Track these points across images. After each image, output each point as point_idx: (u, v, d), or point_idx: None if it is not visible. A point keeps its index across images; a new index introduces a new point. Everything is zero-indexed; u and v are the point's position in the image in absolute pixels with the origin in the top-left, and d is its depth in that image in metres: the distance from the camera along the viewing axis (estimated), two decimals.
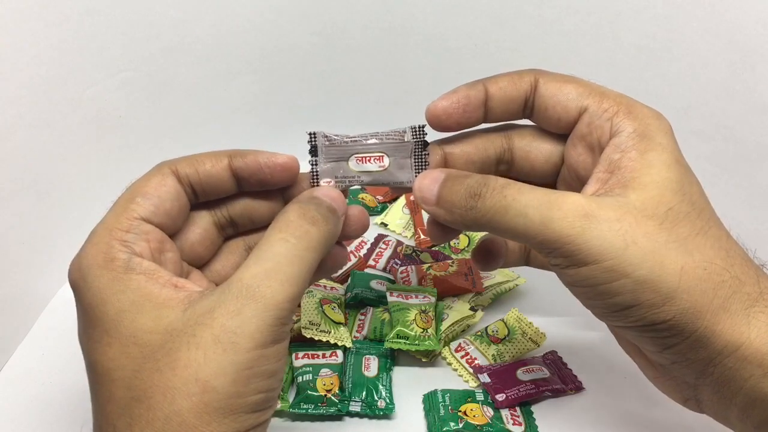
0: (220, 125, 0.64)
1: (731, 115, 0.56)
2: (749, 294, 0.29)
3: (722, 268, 0.29)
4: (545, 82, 0.34)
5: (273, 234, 0.29)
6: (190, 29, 0.58)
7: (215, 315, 0.27)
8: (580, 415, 0.44)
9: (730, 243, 0.30)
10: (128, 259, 0.29)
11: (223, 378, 0.26)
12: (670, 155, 0.31)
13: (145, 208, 0.31)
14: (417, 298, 0.49)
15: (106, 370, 0.27)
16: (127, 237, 0.29)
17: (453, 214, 0.32)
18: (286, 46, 0.63)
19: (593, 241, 0.28)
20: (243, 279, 0.27)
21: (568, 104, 0.33)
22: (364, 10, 0.63)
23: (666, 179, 0.30)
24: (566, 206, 0.29)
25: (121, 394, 0.26)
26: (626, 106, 0.32)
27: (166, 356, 0.26)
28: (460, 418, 0.42)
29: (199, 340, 0.26)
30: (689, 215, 0.30)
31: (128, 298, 0.28)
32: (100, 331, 0.28)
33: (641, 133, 0.31)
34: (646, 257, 0.28)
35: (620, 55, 0.60)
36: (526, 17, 0.61)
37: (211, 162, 0.32)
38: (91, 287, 0.28)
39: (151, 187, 0.31)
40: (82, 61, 0.52)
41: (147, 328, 0.27)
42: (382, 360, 0.47)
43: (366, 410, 0.43)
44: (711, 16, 0.55)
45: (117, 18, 0.53)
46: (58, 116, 0.51)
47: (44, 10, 0.48)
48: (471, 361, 0.47)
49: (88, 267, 0.29)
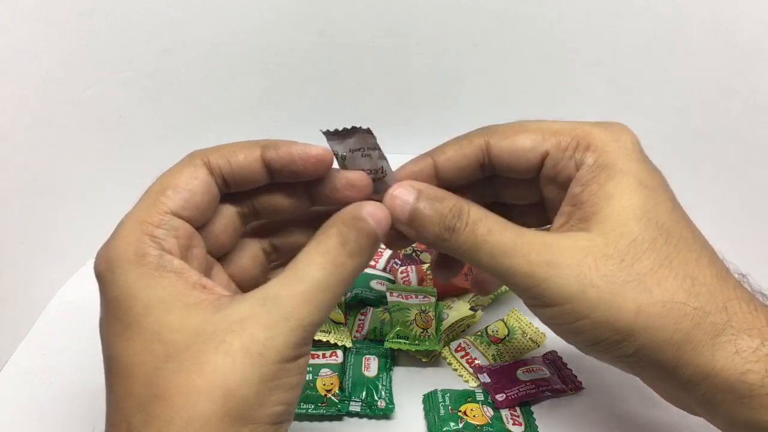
0: (220, 125, 0.64)
1: (731, 115, 0.56)
2: (714, 324, 0.29)
3: (683, 303, 0.29)
4: (497, 142, 0.33)
5: (314, 256, 0.29)
6: (190, 29, 0.58)
7: (247, 325, 0.26)
8: (580, 415, 0.44)
9: (698, 268, 0.30)
10: (159, 255, 0.28)
11: (247, 387, 0.26)
12: (632, 179, 0.31)
13: (175, 202, 0.30)
14: (417, 298, 0.49)
15: (126, 365, 0.27)
16: (158, 232, 0.29)
17: (424, 239, 0.33)
18: (286, 46, 0.63)
19: (554, 287, 0.30)
20: (280, 297, 0.27)
21: (528, 156, 0.33)
22: (364, 10, 0.63)
23: (627, 208, 0.30)
24: (530, 255, 0.30)
25: (139, 390, 0.26)
26: (583, 138, 0.32)
27: (193, 358, 0.26)
28: (460, 418, 0.42)
29: (228, 347, 0.26)
30: (654, 243, 0.29)
31: (158, 294, 0.27)
32: (124, 325, 0.27)
33: (601, 163, 0.31)
34: (603, 299, 0.29)
35: (620, 55, 0.60)
36: (526, 17, 0.61)
37: (244, 153, 0.32)
38: (119, 281, 0.28)
39: (183, 179, 0.31)
40: (82, 61, 0.52)
41: (174, 326, 0.27)
42: (382, 360, 0.47)
43: (366, 410, 0.43)
44: (711, 16, 0.55)
45: (117, 18, 0.53)
46: (58, 116, 0.51)
47: (44, 10, 0.48)
48: (471, 361, 0.47)
49: (116, 260, 0.28)
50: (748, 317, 0.29)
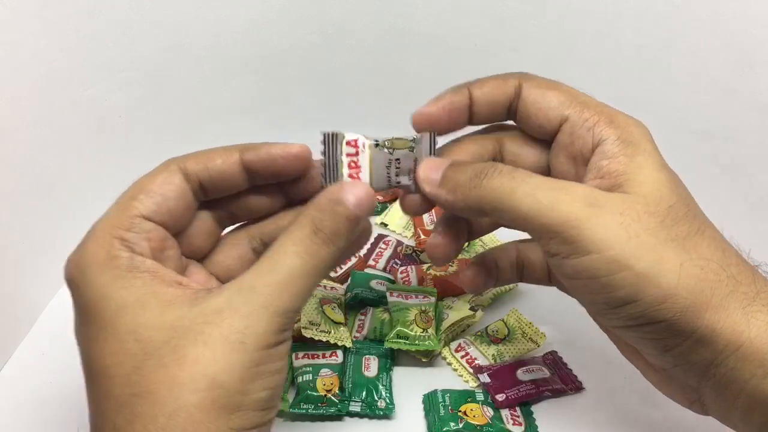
0: (220, 125, 0.64)
1: (731, 115, 0.56)
2: (746, 293, 0.29)
3: (720, 267, 0.29)
4: (529, 88, 0.34)
5: (288, 245, 0.29)
6: (190, 29, 0.58)
7: (224, 315, 0.27)
8: (580, 415, 0.44)
9: (725, 244, 0.31)
10: (131, 257, 0.29)
11: (231, 375, 0.26)
12: (658, 160, 0.32)
13: (146, 206, 0.30)
14: (417, 298, 0.49)
15: (103, 367, 0.27)
16: (128, 236, 0.29)
17: (455, 193, 0.32)
18: (286, 46, 0.63)
19: (598, 228, 0.29)
20: (256, 287, 0.28)
21: (549, 113, 0.34)
22: (364, 10, 0.63)
23: (660, 179, 0.31)
24: (575, 192, 0.30)
25: (119, 391, 0.26)
26: (607, 116, 0.33)
27: (172, 352, 0.26)
28: (460, 418, 0.42)
29: (207, 338, 0.26)
30: (687, 215, 0.30)
31: (132, 294, 0.27)
32: (97, 327, 0.27)
33: (625, 139, 0.31)
34: (648, 251, 0.28)
35: (620, 55, 0.60)
36: (526, 17, 0.61)
37: (222, 158, 0.32)
38: (91, 284, 0.28)
39: (156, 184, 0.31)
40: (82, 61, 0.52)
41: (149, 324, 0.27)
42: (382, 360, 0.47)
43: (366, 410, 0.43)
44: (711, 16, 0.55)
45: (117, 18, 0.53)
46: (58, 116, 0.51)
47: (44, 10, 0.48)
48: (471, 361, 0.47)
49: (87, 264, 0.28)
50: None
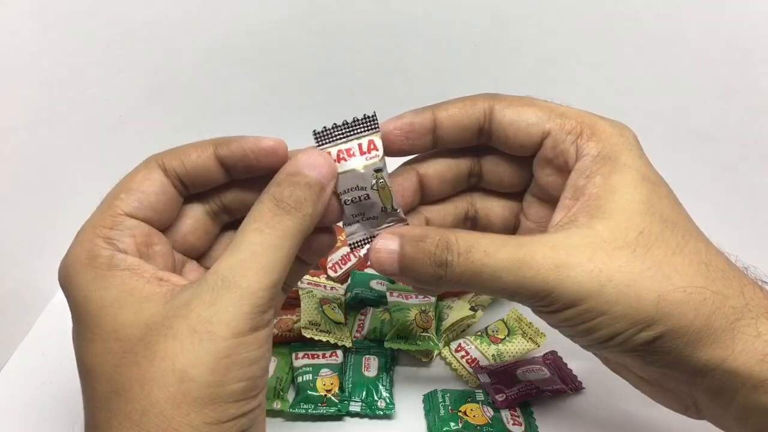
0: (220, 125, 0.64)
1: (731, 115, 0.56)
2: (734, 307, 0.28)
3: (702, 287, 0.28)
4: (502, 109, 0.32)
5: (248, 224, 0.29)
6: (189, 29, 0.58)
7: (191, 306, 0.27)
8: (580, 415, 0.44)
9: (709, 255, 0.30)
10: (111, 256, 0.29)
11: (200, 367, 0.26)
12: (636, 173, 0.30)
13: (128, 204, 0.30)
14: (417, 298, 0.49)
15: (90, 366, 0.27)
16: (111, 234, 0.30)
17: (421, 282, 0.32)
18: (286, 46, 0.63)
19: (570, 289, 0.29)
20: (218, 271, 0.27)
21: (529, 130, 0.32)
22: (364, 10, 0.63)
23: (632, 202, 0.29)
24: (537, 262, 0.29)
25: (101, 389, 0.27)
26: (589, 126, 0.31)
27: (145, 349, 0.26)
28: (460, 418, 0.42)
29: (175, 332, 0.26)
30: (662, 234, 0.29)
31: (111, 294, 0.28)
32: (84, 327, 0.28)
33: (605, 155, 0.31)
34: (622, 292, 0.28)
35: (620, 55, 0.60)
36: (526, 17, 0.61)
37: (197, 152, 0.32)
38: (75, 285, 0.28)
39: (136, 182, 0.31)
40: (82, 61, 0.52)
41: (127, 322, 0.27)
42: (382, 360, 0.47)
43: (366, 410, 0.43)
44: (711, 16, 0.55)
45: (117, 18, 0.53)
46: (58, 116, 0.51)
47: (44, 10, 0.48)
48: (471, 361, 0.47)
49: (72, 266, 0.29)
50: (764, 302, 0.29)
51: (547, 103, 0.33)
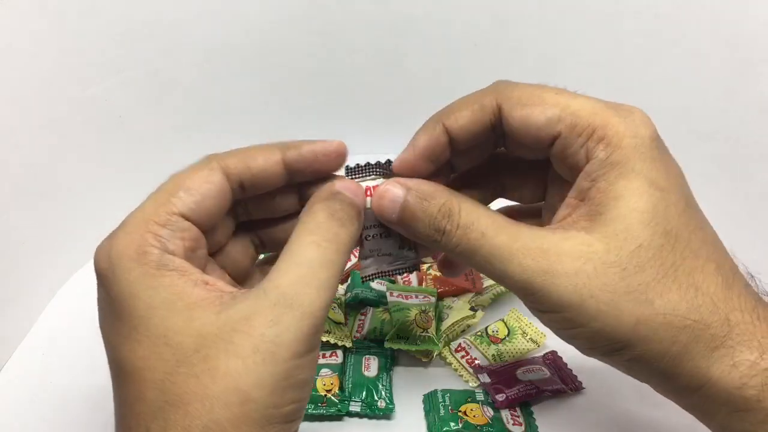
0: (220, 125, 0.64)
1: (731, 115, 0.56)
2: (714, 335, 0.28)
3: (683, 316, 0.28)
4: (510, 110, 0.31)
5: (304, 236, 0.29)
6: (190, 29, 0.58)
7: (253, 323, 0.26)
8: (580, 415, 0.44)
9: (704, 275, 0.29)
10: (161, 254, 0.28)
11: (262, 389, 0.25)
12: (643, 180, 0.29)
13: (185, 204, 0.29)
14: (417, 298, 0.49)
15: (136, 369, 0.26)
16: (162, 232, 0.28)
17: (417, 239, 0.32)
18: (286, 46, 0.63)
19: (552, 296, 0.29)
20: (280, 286, 0.27)
21: (539, 134, 0.31)
22: (364, 10, 0.63)
23: (634, 211, 0.28)
24: (526, 262, 0.29)
25: (152, 396, 0.26)
26: (601, 127, 0.29)
27: (203, 362, 0.25)
28: (460, 418, 0.42)
29: (237, 349, 0.25)
30: (661, 250, 0.28)
31: (160, 295, 0.27)
32: (129, 326, 0.27)
33: (613, 160, 0.29)
34: (601, 311, 0.28)
35: (620, 55, 0.60)
36: (526, 17, 0.61)
37: (264, 156, 0.31)
38: (121, 279, 0.27)
39: (196, 182, 0.30)
40: (82, 61, 0.52)
41: (178, 328, 0.26)
42: (382, 360, 0.47)
43: (366, 410, 0.43)
44: (711, 16, 0.55)
45: (117, 18, 0.53)
46: (58, 116, 0.51)
47: (44, 10, 0.48)
48: (471, 361, 0.47)
49: (118, 258, 0.28)
50: (749, 328, 0.28)
51: (559, 95, 0.31)
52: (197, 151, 0.33)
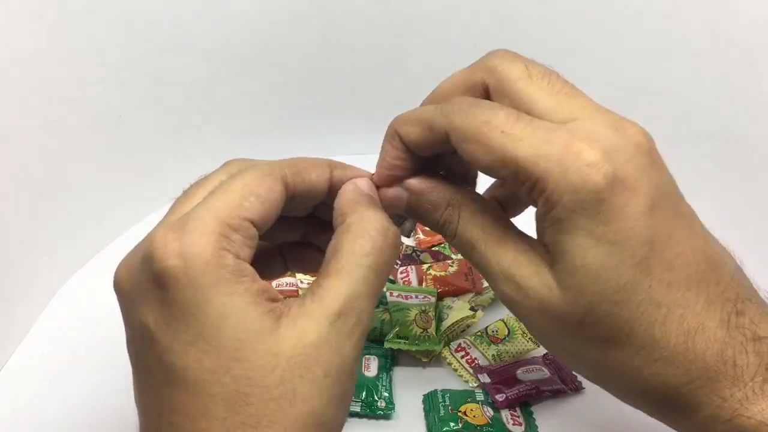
0: (220, 125, 0.64)
1: (731, 115, 0.56)
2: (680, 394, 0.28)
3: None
4: (455, 141, 0.29)
5: (361, 257, 0.28)
6: (189, 29, 0.58)
7: (321, 351, 0.26)
8: (580, 415, 0.44)
9: (664, 328, 0.27)
10: (236, 260, 0.26)
11: (331, 410, 0.26)
12: (587, 236, 0.26)
13: (256, 212, 0.28)
14: (417, 298, 0.49)
15: (201, 381, 0.25)
16: (234, 237, 0.27)
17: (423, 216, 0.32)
18: (286, 46, 0.63)
19: (523, 323, 0.31)
20: (341, 314, 0.27)
21: (485, 172, 0.29)
22: (364, 10, 0.63)
23: (581, 267, 0.27)
24: (504, 286, 0.29)
25: (223, 413, 0.25)
26: (541, 179, 0.26)
27: (280, 385, 0.25)
28: (460, 418, 0.42)
29: (310, 374, 0.26)
30: (614, 306, 0.27)
31: (234, 303, 0.26)
32: (195, 333, 0.25)
33: (553, 217, 0.27)
34: (563, 354, 0.30)
35: (620, 55, 0.60)
36: (526, 17, 0.61)
37: (316, 172, 0.31)
38: (194, 281, 0.25)
39: (264, 190, 0.28)
40: (82, 61, 0.52)
41: (250, 343, 0.25)
42: (382, 360, 0.47)
43: (366, 410, 0.43)
44: (711, 16, 0.55)
45: (117, 18, 0.53)
46: (57, 116, 0.51)
47: (44, 10, 0.48)
48: (471, 361, 0.47)
49: (193, 257, 0.26)
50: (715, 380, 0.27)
51: (504, 137, 0.27)
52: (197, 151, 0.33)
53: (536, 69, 0.30)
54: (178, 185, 0.32)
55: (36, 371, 0.47)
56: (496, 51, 0.31)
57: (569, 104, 0.28)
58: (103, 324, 0.50)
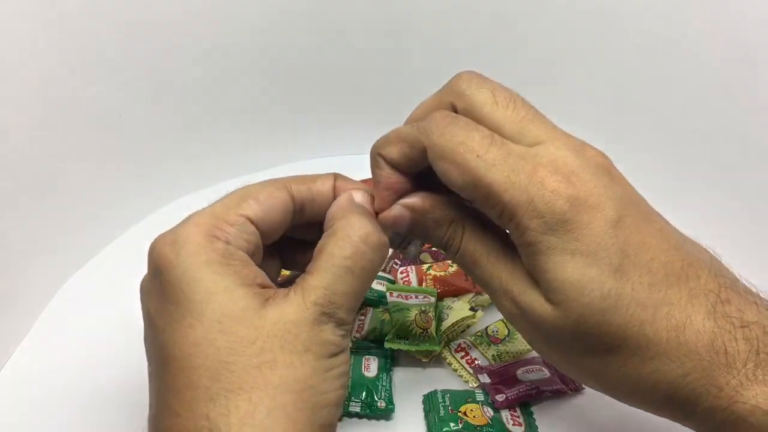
0: (220, 125, 0.64)
1: (731, 115, 0.56)
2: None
3: None
4: (432, 158, 0.30)
5: (339, 259, 0.30)
6: (190, 29, 0.58)
7: (301, 329, 0.28)
8: (580, 415, 0.44)
9: (654, 324, 0.28)
10: (227, 245, 0.29)
11: (316, 377, 0.28)
12: (562, 253, 0.28)
13: (254, 211, 0.30)
14: (417, 298, 0.49)
15: (186, 355, 0.27)
16: (230, 230, 0.29)
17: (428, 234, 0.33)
18: (286, 46, 0.63)
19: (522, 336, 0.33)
20: (319, 305, 0.28)
21: (459, 191, 0.30)
22: (364, 10, 0.63)
23: (565, 282, 0.28)
24: (504, 302, 0.31)
25: (207, 383, 0.26)
26: (509, 206, 0.28)
27: (260, 354, 0.27)
28: (460, 418, 0.42)
29: (291, 346, 0.27)
30: (604, 314, 0.28)
31: (222, 282, 0.28)
32: (184, 310, 0.27)
33: (525, 241, 0.29)
34: (563, 367, 0.32)
35: (620, 55, 0.60)
36: (526, 17, 0.61)
37: (322, 181, 0.33)
38: (184, 263, 0.28)
39: (264, 195, 0.31)
40: (82, 61, 0.52)
41: (234, 316, 0.27)
42: (382, 360, 0.47)
43: (366, 410, 0.43)
44: (711, 16, 0.55)
45: (117, 18, 0.53)
46: (57, 116, 0.51)
47: (44, 10, 0.48)
48: (471, 361, 0.47)
49: (184, 242, 0.28)
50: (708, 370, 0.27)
51: (479, 160, 0.28)
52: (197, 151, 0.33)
53: (502, 95, 0.31)
54: (178, 185, 0.32)
55: (36, 371, 0.47)
56: (462, 74, 0.32)
57: (534, 129, 0.30)
58: (103, 324, 0.50)
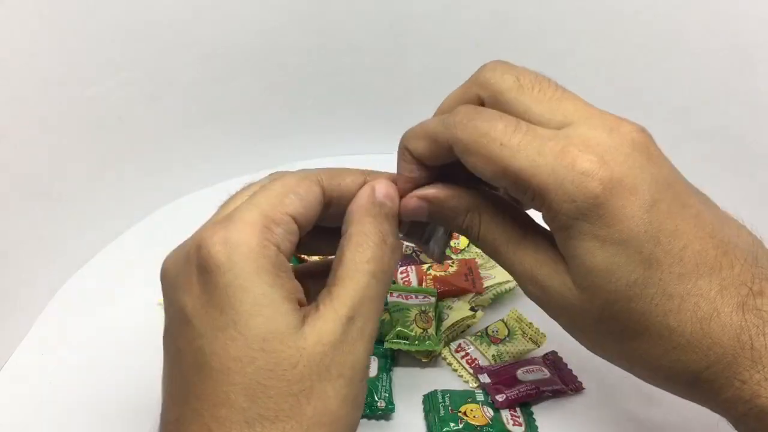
0: (220, 125, 0.64)
1: (731, 115, 0.56)
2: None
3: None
4: (458, 152, 0.29)
5: (361, 263, 0.29)
6: (189, 30, 0.58)
7: (337, 351, 0.27)
8: (580, 415, 0.44)
9: (679, 316, 0.27)
10: (277, 254, 0.27)
11: (344, 409, 0.27)
12: (592, 240, 0.27)
13: (296, 208, 0.29)
14: (417, 298, 0.49)
15: (224, 368, 0.26)
16: (277, 231, 0.28)
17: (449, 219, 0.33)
18: (286, 46, 0.63)
19: (549, 315, 0.31)
20: (353, 319, 0.28)
21: (489, 181, 0.29)
22: (364, 10, 0.63)
23: (592, 269, 0.27)
24: (528, 285, 0.31)
25: (243, 404, 0.26)
26: (539, 191, 0.27)
27: (299, 381, 0.26)
28: (460, 418, 0.42)
29: (326, 373, 0.27)
30: (629, 302, 0.27)
31: (270, 294, 0.26)
32: (227, 319, 0.26)
33: (557, 225, 0.28)
34: (588, 345, 0.31)
35: (620, 55, 0.60)
36: (526, 17, 0.61)
37: (351, 177, 0.32)
38: (235, 268, 0.26)
39: (303, 189, 0.30)
40: (82, 61, 0.52)
41: (278, 336, 0.26)
42: (382, 360, 0.47)
43: (366, 410, 0.43)
44: (711, 16, 0.55)
45: (117, 18, 0.53)
46: (58, 116, 0.51)
47: (44, 10, 0.48)
48: (471, 361, 0.47)
49: (237, 245, 0.27)
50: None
51: (503, 149, 0.28)
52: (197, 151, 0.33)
53: (527, 78, 0.30)
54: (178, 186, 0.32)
55: (36, 371, 0.47)
56: (488, 63, 0.31)
57: (563, 109, 0.29)
58: (103, 324, 0.50)
